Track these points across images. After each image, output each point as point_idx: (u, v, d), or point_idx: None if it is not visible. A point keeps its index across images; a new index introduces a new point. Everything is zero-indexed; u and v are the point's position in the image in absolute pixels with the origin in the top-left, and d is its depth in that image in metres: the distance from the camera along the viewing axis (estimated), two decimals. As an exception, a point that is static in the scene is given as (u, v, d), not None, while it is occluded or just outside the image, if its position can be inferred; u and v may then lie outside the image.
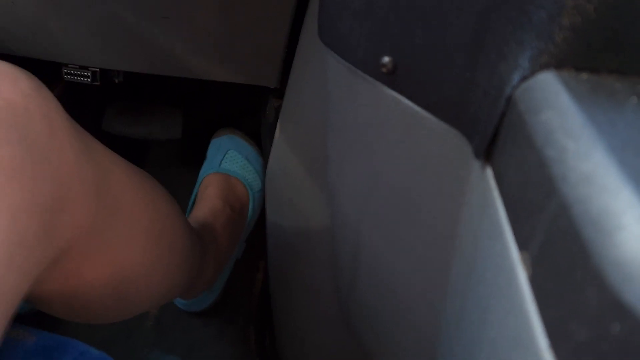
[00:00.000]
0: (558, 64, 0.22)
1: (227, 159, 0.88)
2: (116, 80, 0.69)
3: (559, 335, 0.17)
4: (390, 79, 0.31)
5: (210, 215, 0.79)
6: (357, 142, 0.37)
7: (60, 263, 0.39)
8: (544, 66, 0.22)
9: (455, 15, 0.26)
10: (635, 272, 0.15)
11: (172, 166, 0.97)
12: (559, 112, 0.20)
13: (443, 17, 0.27)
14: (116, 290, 0.47)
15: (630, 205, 0.16)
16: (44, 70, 0.52)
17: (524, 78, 0.22)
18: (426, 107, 0.29)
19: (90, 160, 0.39)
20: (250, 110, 0.93)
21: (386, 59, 0.30)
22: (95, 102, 0.87)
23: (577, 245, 0.16)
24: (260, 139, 0.90)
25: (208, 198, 0.83)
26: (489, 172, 0.24)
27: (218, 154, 0.89)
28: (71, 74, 0.64)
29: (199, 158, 0.91)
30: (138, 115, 0.84)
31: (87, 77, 0.64)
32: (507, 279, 0.21)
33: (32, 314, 0.76)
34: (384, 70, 0.30)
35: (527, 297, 0.19)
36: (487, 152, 0.24)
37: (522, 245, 0.20)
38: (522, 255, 0.20)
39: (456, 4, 0.26)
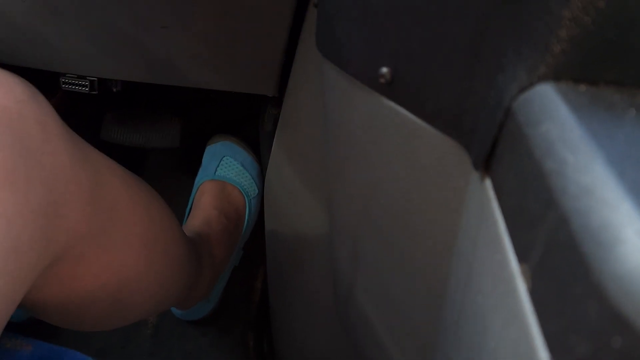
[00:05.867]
0: (556, 75, 0.22)
1: (223, 165, 0.88)
2: (114, 89, 0.69)
3: (560, 349, 0.17)
4: (389, 89, 0.31)
5: (205, 225, 0.79)
6: (355, 152, 0.37)
7: (55, 268, 0.39)
8: (542, 77, 0.22)
9: (453, 26, 0.26)
10: (635, 285, 0.15)
11: (170, 174, 0.97)
12: (558, 124, 0.20)
13: (441, 27, 0.27)
14: (111, 295, 0.47)
15: (630, 219, 0.16)
16: (42, 79, 0.52)
17: (523, 89, 0.22)
18: (424, 118, 0.29)
19: (85, 165, 0.39)
20: (248, 119, 0.93)
21: (384, 70, 0.30)
22: (93, 111, 0.87)
23: (576, 258, 0.16)
24: (257, 147, 0.90)
25: (203, 207, 0.83)
26: (488, 183, 0.24)
27: (213, 160, 0.89)
28: (69, 84, 0.64)
29: (197, 166, 0.91)
30: (136, 123, 0.84)
31: (85, 86, 0.64)
32: (507, 291, 0.21)
33: (29, 323, 0.76)
34: (382, 80, 0.30)
35: (527, 309, 0.19)
36: (486, 163, 0.24)
37: (521, 257, 0.20)
38: (522, 268, 0.20)
39: (454, 15, 0.26)
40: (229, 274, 0.85)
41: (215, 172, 0.87)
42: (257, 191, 0.88)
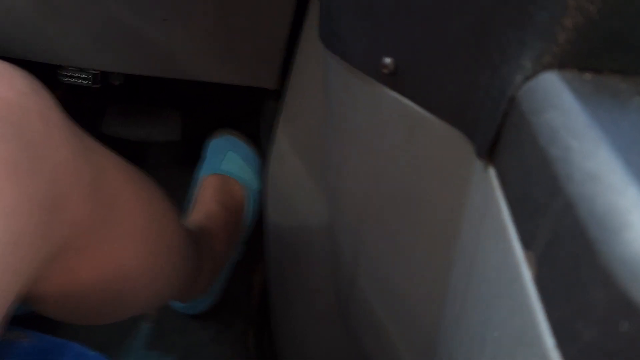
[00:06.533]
0: (561, 64, 0.22)
1: (225, 160, 0.88)
2: (116, 83, 0.68)
3: (566, 335, 0.17)
4: (392, 79, 0.31)
5: (206, 219, 0.79)
6: (357, 143, 0.37)
7: (56, 261, 0.39)
8: (547, 66, 0.22)
9: (456, 15, 0.26)
10: (642, 270, 0.15)
11: (171, 168, 0.97)
12: (563, 111, 0.20)
13: (444, 17, 0.27)
14: (112, 288, 0.47)
15: (636, 204, 0.16)
16: (44, 72, 0.52)
17: (527, 78, 0.22)
18: (428, 108, 0.29)
19: (87, 158, 0.39)
20: (250, 112, 0.93)
21: (387, 60, 0.30)
22: (94, 104, 0.87)
23: (583, 243, 0.16)
24: (259, 141, 0.90)
25: (204, 201, 0.83)
26: (492, 172, 0.24)
27: (215, 155, 0.89)
28: (70, 77, 0.64)
29: (198, 159, 0.91)
30: (137, 117, 0.84)
31: (87, 79, 0.64)
32: (512, 279, 0.21)
33: (29, 316, 0.76)
34: (385, 71, 0.30)
35: (532, 296, 0.19)
36: (489, 152, 0.24)
37: (526, 244, 0.20)
38: (527, 255, 0.20)
39: (458, 5, 0.26)
40: (230, 268, 0.85)
41: (217, 167, 0.87)
42: (258, 186, 0.88)
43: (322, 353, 0.65)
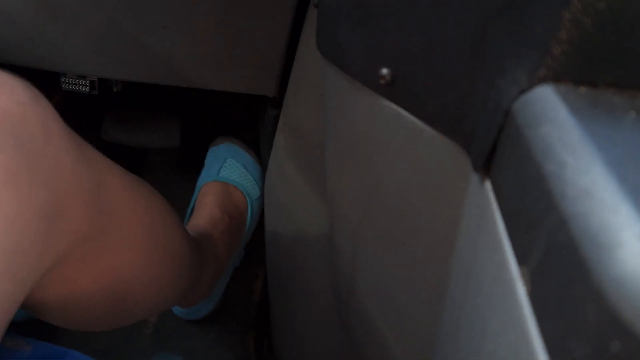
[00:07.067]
0: (556, 77, 0.22)
1: (226, 167, 0.88)
2: (114, 89, 0.69)
3: (559, 352, 0.17)
4: (389, 90, 0.31)
5: (208, 224, 0.79)
6: (355, 152, 0.37)
7: (57, 269, 0.39)
8: (542, 80, 0.22)
9: (453, 27, 0.26)
10: (634, 289, 0.15)
11: (170, 174, 0.97)
12: (558, 126, 0.20)
13: (441, 30, 0.27)
14: (113, 295, 0.47)
15: (630, 222, 0.16)
16: (43, 79, 0.52)
17: (522, 91, 0.22)
18: (425, 119, 0.29)
19: (86, 166, 0.39)
20: (249, 119, 0.93)
21: (384, 71, 0.30)
22: (93, 110, 0.87)
23: (576, 261, 0.16)
24: (258, 148, 0.90)
25: (206, 207, 0.83)
26: (488, 185, 0.24)
27: (216, 162, 0.89)
28: (69, 83, 0.64)
29: (197, 166, 0.91)
30: (136, 123, 0.84)
31: (86, 86, 0.64)
32: (506, 293, 0.21)
33: (29, 323, 0.76)
34: (382, 81, 0.30)
35: (526, 311, 0.19)
36: (485, 165, 0.24)
37: (521, 259, 0.20)
38: (521, 270, 0.20)
39: (454, 16, 0.26)
40: (230, 273, 0.85)
41: (218, 174, 0.87)
42: (259, 193, 0.88)
43: (321, 356, 0.65)
